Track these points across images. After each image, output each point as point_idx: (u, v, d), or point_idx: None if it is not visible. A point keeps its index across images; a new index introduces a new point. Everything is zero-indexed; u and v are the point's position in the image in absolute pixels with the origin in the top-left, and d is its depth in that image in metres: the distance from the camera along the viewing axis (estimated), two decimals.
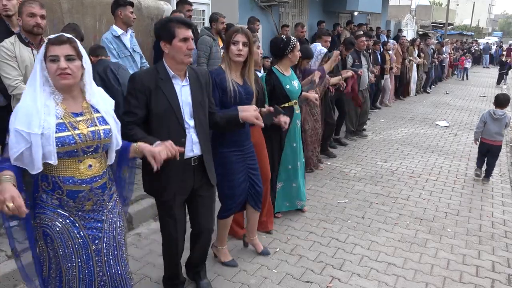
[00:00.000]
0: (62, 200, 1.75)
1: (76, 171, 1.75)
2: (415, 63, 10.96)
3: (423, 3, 29.97)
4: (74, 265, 1.80)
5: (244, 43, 2.61)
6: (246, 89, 2.74)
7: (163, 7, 5.41)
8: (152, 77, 2.21)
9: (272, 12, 9.72)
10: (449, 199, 4.52)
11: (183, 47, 2.16)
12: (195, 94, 2.31)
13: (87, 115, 1.79)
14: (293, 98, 3.59)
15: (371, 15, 15.28)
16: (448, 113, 9.54)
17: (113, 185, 1.95)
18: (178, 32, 2.16)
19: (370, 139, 6.98)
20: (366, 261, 3.22)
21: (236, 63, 2.69)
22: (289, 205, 3.89)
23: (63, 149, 1.68)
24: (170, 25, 2.18)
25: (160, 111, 2.20)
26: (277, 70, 3.55)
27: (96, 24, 4.54)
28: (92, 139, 1.75)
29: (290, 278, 2.96)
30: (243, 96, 2.69)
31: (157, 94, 2.20)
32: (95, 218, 1.84)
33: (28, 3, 2.89)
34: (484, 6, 62.06)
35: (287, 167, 3.74)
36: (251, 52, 2.67)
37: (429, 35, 18.11)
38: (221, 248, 3.09)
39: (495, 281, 3.04)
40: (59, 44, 1.68)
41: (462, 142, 7.03)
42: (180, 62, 2.21)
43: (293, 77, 3.65)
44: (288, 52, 3.50)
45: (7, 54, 2.85)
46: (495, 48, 25.34)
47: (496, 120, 5.01)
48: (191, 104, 2.28)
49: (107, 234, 1.88)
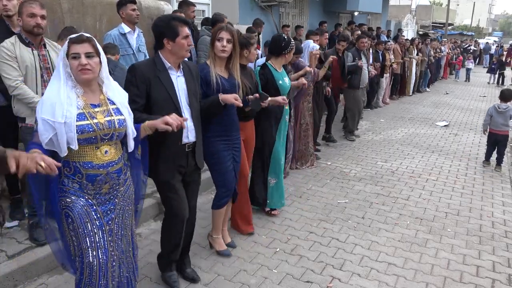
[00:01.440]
0: (82, 183, 1.94)
1: (94, 157, 1.94)
2: (415, 60, 10.95)
3: (423, 3, 29.97)
4: (93, 246, 1.96)
5: (228, 40, 2.80)
6: (231, 82, 2.91)
7: (163, 7, 5.41)
8: (151, 68, 2.41)
9: (272, 12, 9.72)
10: (450, 199, 4.51)
11: (185, 44, 2.39)
12: (189, 84, 2.53)
13: (104, 107, 1.99)
14: (284, 93, 3.68)
15: (371, 15, 15.29)
16: (448, 113, 9.54)
17: (128, 170, 2.15)
18: (181, 31, 2.37)
19: (370, 139, 6.98)
20: (367, 261, 3.22)
21: (221, 59, 2.87)
22: (283, 202, 3.96)
23: (83, 136, 1.87)
24: (173, 23, 2.37)
25: (159, 99, 2.39)
26: (271, 66, 3.71)
27: (96, 24, 4.54)
28: (108, 127, 1.95)
29: (290, 278, 2.96)
30: (226, 89, 2.84)
31: (156, 84, 2.39)
32: (110, 200, 2.03)
33: (28, 3, 2.88)
34: (484, 6, 62.05)
35: (280, 162, 3.82)
36: (235, 48, 2.85)
37: (429, 35, 18.12)
38: (216, 237, 3.21)
39: (495, 281, 3.03)
40: (80, 43, 1.88)
41: (462, 142, 7.03)
42: (181, 57, 2.45)
43: (284, 74, 3.82)
44: (286, 52, 3.68)
45: (8, 55, 2.84)
46: (495, 48, 25.29)
47: (500, 113, 5.51)
48: (186, 93, 2.50)
49: (119, 215, 2.09)
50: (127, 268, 2.19)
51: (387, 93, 10.32)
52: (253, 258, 3.21)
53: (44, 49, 3.01)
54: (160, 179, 2.55)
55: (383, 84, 9.65)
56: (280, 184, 3.88)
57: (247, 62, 3.29)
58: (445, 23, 25.11)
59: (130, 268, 2.22)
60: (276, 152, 3.78)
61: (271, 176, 3.81)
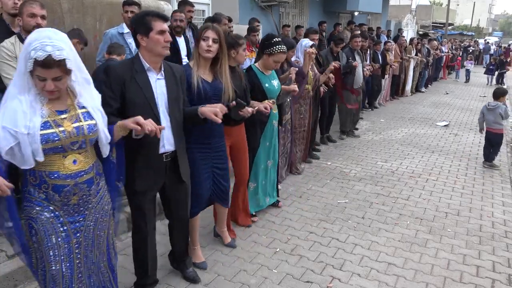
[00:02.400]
0: (48, 194, 1.82)
1: (61, 166, 1.81)
2: (413, 60, 10.90)
3: (423, 3, 29.98)
4: (57, 259, 1.86)
5: (214, 40, 2.63)
6: (215, 86, 2.73)
7: (163, 7, 5.40)
8: (127, 69, 2.24)
9: (272, 12, 9.72)
10: (450, 199, 4.51)
11: (160, 39, 2.20)
12: (171, 88, 2.35)
13: (71, 112, 1.84)
14: (271, 97, 3.51)
15: (371, 15, 15.29)
16: (448, 113, 9.54)
17: (101, 180, 2.00)
18: (155, 25, 2.20)
19: (370, 139, 6.98)
20: (366, 261, 3.22)
21: (206, 60, 2.70)
22: (262, 204, 3.87)
23: (48, 146, 1.74)
24: (146, 18, 2.22)
25: (135, 103, 2.22)
26: (256, 68, 3.50)
27: (96, 24, 4.54)
28: (76, 134, 1.81)
29: (290, 278, 2.96)
30: (208, 94, 2.67)
31: (132, 86, 2.22)
32: (79, 212, 1.90)
33: (29, 3, 2.89)
34: (484, 6, 62.04)
35: (260, 167, 3.69)
36: (222, 49, 2.68)
37: (429, 35, 18.11)
38: (192, 248, 3.04)
39: (495, 281, 3.03)
40: (48, 68, 1.67)
41: (462, 142, 7.03)
42: (157, 54, 2.25)
43: (273, 76, 3.60)
44: (268, 52, 3.39)
45: (7, 54, 2.85)
46: (494, 48, 25.30)
47: (490, 110, 5.70)
48: (166, 97, 2.31)
49: (89, 227, 1.95)
50: (101, 279, 2.08)
51: (387, 94, 10.32)
52: (253, 258, 3.21)
53: None
54: (129, 190, 2.40)
55: (384, 85, 9.62)
56: (258, 189, 3.76)
57: (235, 63, 3.11)
58: (445, 23, 25.12)
59: (106, 278, 2.11)
60: (257, 157, 3.62)
61: (251, 180, 3.66)
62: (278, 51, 3.37)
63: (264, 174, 3.77)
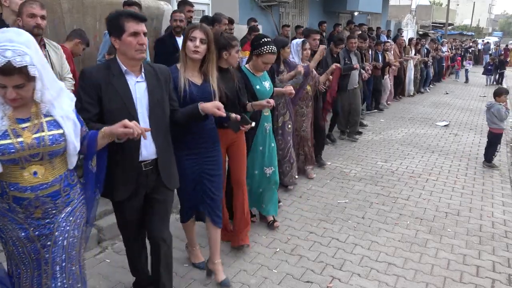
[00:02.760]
0: (10, 205, 1.70)
1: (20, 178, 1.67)
2: (412, 60, 10.78)
3: (423, 3, 29.98)
4: (28, 270, 1.77)
5: (202, 40, 2.47)
6: (204, 89, 2.57)
7: (163, 7, 5.41)
8: (104, 73, 2.08)
9: (272, 12, 9.73)
10: (450, 199, 4.51)
11: (133, 42, 2.03)
12: (153, 91, 2.18)
13: (34, 120, 1.67)
14: (263, 99, 3.27)
15: (371, 15, 15.30)
16: (448, 113, 9.54)
17: (73, 191, 1.84)
18: (128, 26, 2.03)
19: (370, 139, 6.98)
20: (367, 261, 3.22)
21: (194, 61, 2.55)
22: (254, 205, 3.67)
23: (4, 157, 1.61)
24: (119, 19, 2.05)
25: (113, 108, 2.06)
26: (246, 70, 3.34)
27: (96, 24, 4.54)
28: (36, 146, 1.65)
29: (291, 278, 2.96)
30: (196, 97, 2.51)
31: (109, 91, 2.06)
32: (45, 225, 1.75)
33: (28, 4, 2.89)
34: (484, 6, 62.04)
35: (253, 173, 3.48)
36: (210, 50, 2.53)
37: (429, 35, 18.10)
38: (190, 249, 3.08)
39: (495, 281, 3.03)
40: (8, 75, 1.52)
41: (462, 142, 7.03)
42: (131, 58, 2.08)
43: (265, 77, 3.44)
44: (256, 53, 3.25)
45: None
46: (493, 48, 25.29)
47: (487, 109, 5.82)
48: (147, 102, 2.15)
49: (57, 243, 1.78)
50: None
51: (391, 94, 10.17)
52: (253, 258, 3.21)
53: (44, 49, 3.01)
54: (111, 200, 2.29)
55: (387, 85, 9.52)
56: (253, 193, 3.56)
57: (228, 65, 2.93)
58: (445, 23, 25.11)
59: None
60: (250, 161, 3.41)
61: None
62: (267, 51, 3.20)
63: (261, 181, 3.55)
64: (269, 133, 3.53)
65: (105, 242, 3.34)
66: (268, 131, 3.52)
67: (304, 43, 4.59)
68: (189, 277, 2.93)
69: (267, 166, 3.53)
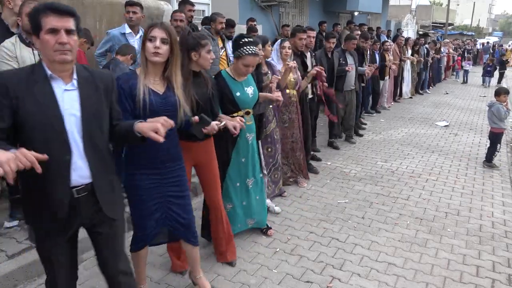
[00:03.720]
0: None
1: None
2: (409, 61, 10.46)
3: (423, 3, 30.00)
4: None
5: (163, 40, 2.14)
6: (167, 98, 2.22)
7: (163, 7, 5.41)
8: (23, 78, 1.70)
9: (272, 12, 9.73)
10: (449, 199, 4.51)
11: (50, 41, 1.65)
12: (87, 102, 1.79)
13: None
14: (244, 107, 3.05)
15: (371, 15, 15.31)
16: (448, 113, 9.54)
17: None
18: (45, 22, 1.65)
19: (370, 139, 6.98)
20: (366, 261, 3.22)
21: (155, 65, 2.19)
22: (240, 226, 3.35)
23: None
24: (37, 14, 1.68)
25: (33, 121, 1.67)
26: (226, 74, 3.03)
27: (96, 24, 4.55)
28: None
29: (290, 278, 2.96)
30: (157, 107, 2.17)
31: (28, 100, 1.67)
32: None
33: (27, 3, 2.88)
34: (484, 6, 62.06)
35: (235, 185, 3.20)
36: (173, 52, 2.19)
37: (429, 35, 18.09)
38: (139, 286, 2.54)
39: (495, 281, 3.03)
40: None
41: (462, 142, 7.03)
42: (51, 60, 1.69)
43: (248, 82, 3.10)
44: (235, 55, 2.96)
45: (8, 55, 2.85)
46: (494, 49, 25.29)
47: (488, 108, 5.86)
48: (79, 114, 1.76)
49: None
50: None
51: (390, 96, 9.95)
52: (253, 258, 3.21)
53: None
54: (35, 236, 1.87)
55: (386, 87, 9.28)
56: (237, 208, 3.27)
57: (199, 68, 2.61)
58: (445, 23, 25.12)
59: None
60: (230, 174, 3.15)
61: (226, 201, 3.14)
62: (247, 53, 2.86)
63: (244, 194, 3.28)
64: (252, 143, 3.22)
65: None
66: (251, 141, 3.20)
67: (283, 41, 4.21)
68: None
69: (250, 177, 3.27)
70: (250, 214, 3.37)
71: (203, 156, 2.76)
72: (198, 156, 2.72)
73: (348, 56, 6.14)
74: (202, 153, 2.74)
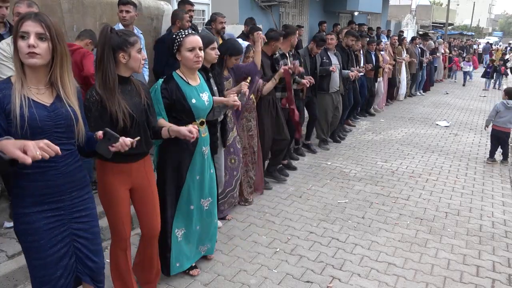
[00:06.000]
0: None
1: None
2: (404, 62, 10.06)
3: (423, 3, 29.96)
4: None
5: (40, 35, 1.63)
6: (57, 110, 1.71)
7: (163, 7, 5.41)
8: None
9: (272, 12, 9.73)
10: (450, 199, 4.51)
11: None
12: None
13: None
14: (200, 116, 2.65)
15: (371, 15, 15.32)
16: (448, 113, 9.54)
17: None
18: None
19: (370, 139, 6.98)
20: (367, 261, 3.22)
21: (35, 70, 1.67)
22: (190, 255, 2.89)
23: None
24: None
25: None
26: (178, 77, 2.58)
27: (96, 24, 4.54)
28: None
29: (290, 278, 2.96)
30: (43, 123, 1.66)
31: None
32: None
33: (16, 4, 2.89)
34: (484, 6, 62.09)
35: (189, 208, 2.77)
36: (56, 50, 1.68)
37: (429, 35, 18.06)
38: None
39: (495, 281, 3.03)
40: None
41: (463, 142, 7.03)
42: None
43: (203, 88, 2.69)
44: (176, 51, 2.56)
45: (3, 55, 2.85)
46: (495, 49, 25.31)
47: (508, 109, 5.71)
48: None
49: None
50: None
51: (384, 99, 9.56)
52: (253, 258, 3.21)
53: None
54: None
55: (381, 89, 8.87)
56: (191, 234, 2.85)
57: (129, 72, 2.19)
58: (445, 23, 25.11)
59: None
60: (183, 196, 2.72)
61: (178, 226, 2.76)
62: (183, 35, 2.52)
63: (198, 217, 2.85)
64: (208, 157, 2.83)
65: (104, 242, 3.34)
66: (207, 155, 2.81)
67: (248, 50, 3.79)
68: None
69: (205, 197, 2.85)
70: (204, 240, 2.98)
71: (144, 178, 2.35)
72: (138, 178, 2.31)
73: (332, 56, 5.92)
74: (143, 174, 2.33)
